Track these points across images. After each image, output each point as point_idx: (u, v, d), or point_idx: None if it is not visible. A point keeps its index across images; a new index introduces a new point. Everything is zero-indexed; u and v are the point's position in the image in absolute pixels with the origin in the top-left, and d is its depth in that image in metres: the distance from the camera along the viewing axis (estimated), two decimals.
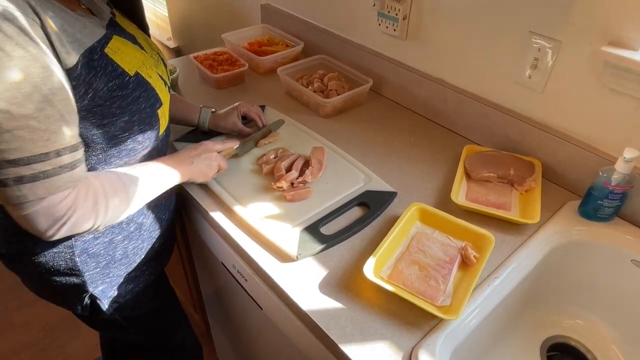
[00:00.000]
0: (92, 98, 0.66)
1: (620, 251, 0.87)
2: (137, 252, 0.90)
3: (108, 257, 0.85)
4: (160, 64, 0.85)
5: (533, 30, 0.92)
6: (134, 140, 0.76)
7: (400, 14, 1.15)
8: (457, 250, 0.82)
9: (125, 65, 0.71)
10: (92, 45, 0.66)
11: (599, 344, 0.93)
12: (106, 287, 0.88)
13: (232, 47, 1.46)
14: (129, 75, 0.71)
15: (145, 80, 0.75)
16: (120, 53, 0.71)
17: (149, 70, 0.77)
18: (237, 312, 1.16)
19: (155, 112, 0.77)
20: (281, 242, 0.82)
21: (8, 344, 1.75)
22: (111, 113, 0.70)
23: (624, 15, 0.79)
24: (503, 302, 0.79)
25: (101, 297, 0.88)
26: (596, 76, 0.87)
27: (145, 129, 0.77)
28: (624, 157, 0.81)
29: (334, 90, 1.23)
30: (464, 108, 1.11)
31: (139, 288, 0.94)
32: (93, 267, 0.84)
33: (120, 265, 0.88)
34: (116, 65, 0.70)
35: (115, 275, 0.88)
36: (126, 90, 0.71)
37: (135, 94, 0.72)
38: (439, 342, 0.68)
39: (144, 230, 0.89)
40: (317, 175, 0.96)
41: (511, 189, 0.97)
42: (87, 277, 0.84)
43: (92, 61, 0.66)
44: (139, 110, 0.73)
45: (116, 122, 0.71)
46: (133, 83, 0.72)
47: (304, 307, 0.74)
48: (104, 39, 0.70)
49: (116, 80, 0.69)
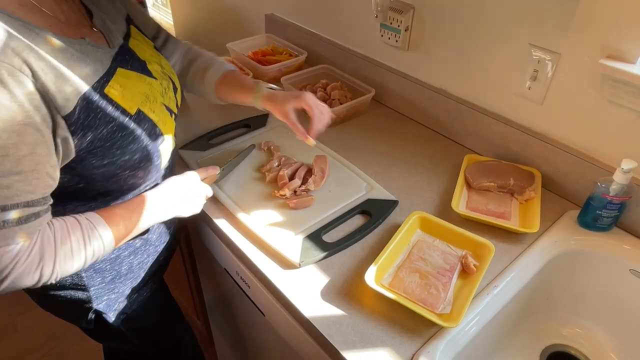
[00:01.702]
0: (91, 141, 0.65)
1: (619, 261, 0.88)
2: (142, 266, 0.90)
3: (114, 272, 0.85)
4: (169, 92, 0.82)
5: (533, 43, 0.94)
6: (134, 177, 0.75)
7: (402, 25, 1.17)
8: (457, 259, 0.83)
9: (127, 104, 0.69)
10: (92, 86, 0.64)
11: (597, 352, 0.93)
12: (111, 300, 0.88)
13: (236, 56, 1.48)
14: (129, 115, 0.69)
15: (148, 118, 0.73)
16: (122, 90, 0.69)
17: (153, 104, 0.75)
18: (239, 319, 1.17)
19: (157, 148, 0.75)
20: (284, 250, 0.84)
21: (11, 349, 1.75)
22: (111, 154, 0.68)
23: (622, 28, 0.80)
24: (502, 311, 0.80)
25: (106, 311, 0.88)
26: (595, 88, 0.88)
27: (146, 166, 0.75)
28: (622, 168, 0.82)
29: (336, 99, 1.24)
30: (464, 118, 1.12)
31: (143, 298, 0.95)
32: (99, 282, 0.84)
33: (125, 280, 0.88)
34: (116, 104, 0.68)
35: (120, 289, 0.88)
36: (126, 131, 0.69)
37: (136, 133, 0.70)
38: (439, 349, 0.69)
39: (149, 244, 0.90)
40: (319, 184, 0.97)
41: (511, 199, 0.98)
42: (92, 292, 0.84)
43: (91, 103, 0.64)
44: (139, 149, 0.72)
45: (116, 161, 0.69)
46: (134, 122, 0.70)
47: (306, 314, 0.75)
48: (106, 76, 0.68)
49: (116, 121, 0.67)
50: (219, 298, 1.27)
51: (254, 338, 1.14)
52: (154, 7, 2.88)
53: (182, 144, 1.10)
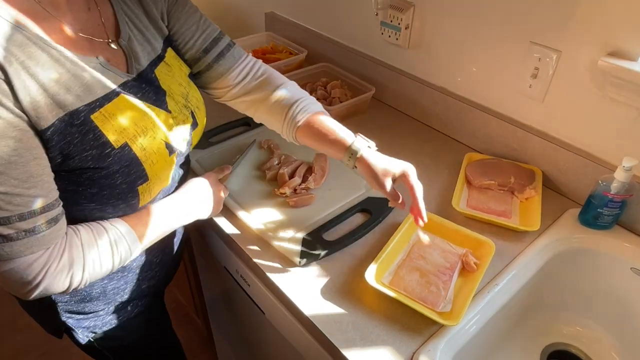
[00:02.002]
0: (60, 164, 0.60)
1: (619, 259, 0.88)
2: (117, 292, 0.83)
3: (84, 294, 0.79)
4: (182, 127, 0.75)
5: (534, 41, 0.93)
6: (102, 211, 0.68)
7: (402, 23, 1.16)
8: (457, 257, 0.83)
9: (112, 135, 0.63)
10: (77, 109, 0.59)
11: (598, 351, 0.93)
12: (81, 318, 0.83)
13: None
14: (112, 147, 0.63)
15: (133, 154, 0.65)
16: (113, 119, 0.63)
17: (149, 141, 0.67)
18: (240, 317, 1.16)
19: (134, 189, 0.68)
20: (284, 248, 0.84)
21: (11, 347, 1.76)
22: (78, 182, 0.63)
23: (623, 26, 0.80)
24: (503, 309, 0.80)
25: (75, 327, 0.83)
26: (596, 86, 0.88)
27: (117, 204, 0.68)
28: (623, 165, 0.82)
29: (336, 97, 1.24)
30: (465, 116, 1.12)
31: (118, 321, 0.88)
32: (67, 300, 0.79)
33: (98, 302, 0.82)
34: (99, 133, 0.61)
35: (91, 310, 0.83)
36: (101, 164, 0.62)
37: (112, 168, 0.63)
38: (440, 347, 0.69)
39: (128, 271, 0.82)
40: (319, 182, 0.97)
41: (512, 197, 0.98)
42: (60, 307, 0.80)
43: (71, 126, 0.59)
44: (111, 186, 0.65)
45: (82, 191, 0.64)
46: (114, 156, 0.63)
47: (306, 312, 0.75)
48: (100, 101, 0.62)
49: (93, 151, 0.61)
50: (219, 296, 1.26)
51: (254, 336, 1.14)
52: None
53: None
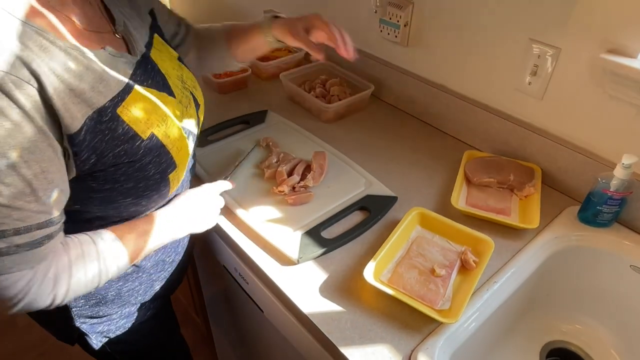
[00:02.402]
0: (94, 163, 0.60)
1: (619, 257, 0.87)
2: (132, 294, 0.83)
3: (99, 297, 0.79)
4: (190, 109, 0.77)
5: (533, 38, 0.93)
6: (137, 204, 0.69)
7: (401, 20, 1.16)
8: (456, 255, 0.82)
9: (139, 127, 0.63)
10: (103, 105, 0.59)
11: (598, 349, 0.93)
12: (95, 322, 0.83)
13: None
14: (141, 139, 0.63)
15: (161, 143, 0.66)
16: (136, 110, 0.63)
17: (170, 128, 0.69)
18: (238, 315, 1.16)
19: (165, 177, 0.69)
20: (282, 246, 0.83)
21: (11, 346, 1.76)
22: (114, 179, 0.63)
23: (623, 23, 0.80)
24: (502, 307, 0.80)
25: (89, 332, 0.83)
26: (595, 83, 0.88)
27: (151, 195, 0.69)
28: (622, 163, 0.81)
29: (335, 95, 1.24)
30: (464, 114, 1.12)
31: (132, 325, 0.89)
32: (82, 304, 0.79)
33: (112, 305, 0.82)
34: (127, 127, 0.62)
35: (105, 313, 0.83)
36: (135, 157, 0.63)
37: (145, 160, 0.64)
38: (438, 345, 0.69)
39: (143, 272, 0.83)
40: (318, 180, 0.97)
41: (511, 195, 0.98)
42: (74, 312, 0.79)
43: (100, 124, 0.59)
44: (146, 178, 0.66)
45: (118, 188, 0.64)
46: (144, 148, 0.64)
47: (304, 310, 0.74)
48: (121, 95, 0.62)
49: (125, 145, 0.62)
50: (218, 295, 1.26)
51: (253, 334, 1.14)
52: None
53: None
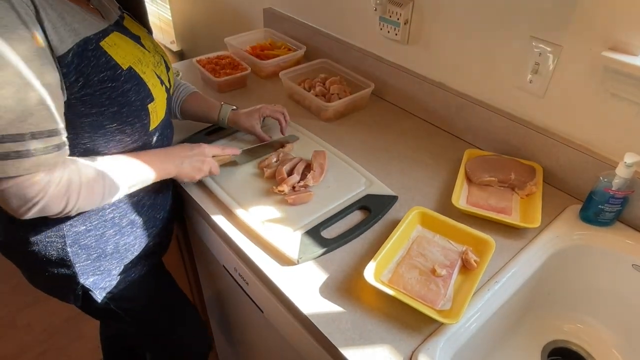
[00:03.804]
0: (82, 87, 0.68)
1: (621, 256, 0.87)
2: (128, 248, 0.91)
3: (99, 250, 0.86)
4: (161, 66, 0.87)
5: (534, 35, 0.92)
6: (122, 132, 0.77)
7: (401, 18, 1.15)
8: (457, 255, 0.82)
9: (119, 59, 0.73)
10: (88, 36, 0.69)
11: (599, 348, 0.93)
12: (97, 278, 0.89)
13: (234, 50, 1.47)
14: (121, 69, 0.73)
15: (138, 75, 0.76)
16: (116, 47, 0.74)
17: (144, 67, 0.79)
18: (238, 315, 1.16)
19: (145, 106, 0.78)
20: (282, 246, 0.83)
21: (10, 346, 1.75)
22: (100, 103, 0.71)
23: (625, 20, 0.79)
24: (503, 307, 0.79)
25: (93, 288, 0.89)
26: (597, 81, 0.87)
27: (134, 122, 0.78)
28: (624, 161, 0.81)
29: (335, 94, 1.23)
30: (465, 112, 1.11)
31: (131, 279, 0.96)
32: (84, 259, 0.85)
33: (111, 259, 0.89)
34: (109, 57, 0.72)
35: (106, 268, 0.89)
36: (117, 82, 0.72)
37: (126, 86, 0.74)
38: (439, 346, 0.69)
39: (136, 227, 0.90)
40: (318, 179, 0.96)
41: (512, 193, 0.97)
42: (77, 268, 0.85)
43: (86, 51, 0.68)
44: (128, 103, 0.75)
45: (104, 112, 0.72)
46: (125, 76, 0.73)
47: (304, 311, 0.74)
48: (102, 33, 0.72)
49: (108, 72, 0.71)
50: (217, 295, 1.26)
51: (253, 335, 1.14)
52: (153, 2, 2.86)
53: (180, 139, 1.09)
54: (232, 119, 1.07)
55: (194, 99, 1.07)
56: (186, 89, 1.08)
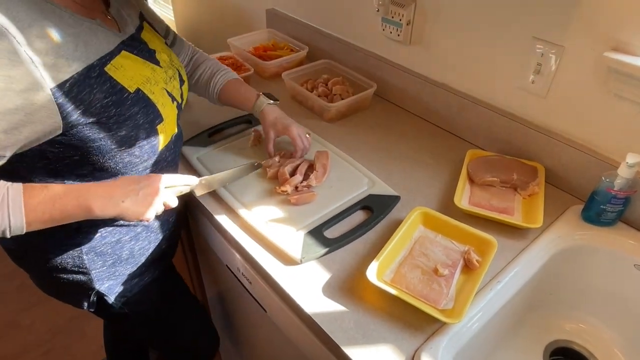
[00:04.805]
0: (82, 113, 0.66)
1: (623, 256, 0.87)
2: (143, 252, 0.92)
3: (115, 257, 0.87)
4: (174, 81, 0.85)
5: (536, 36, 0.93)
6: (131, 155, 0.76)
7: (404, 19, 1.16)
8: (459, 254, 0.82)
9: (126, 82, 0.72)
10: (92, 64, 0.67)
11: (602, 348, 0.93)
12: (112, 283, 0.90)
13: (237, 51, 1.48)
14: (128, 92, 0.72)
15: (146, 97, 0.75)
16: (123, 70, 0.73)
17: (153, 87, 0.78)
18: (241, 315, 1.17)
19: (154, 128, 0.77)
20: (285, 246, 0.83)
21: (14, 345, 1.76)
22: (107, 127, 0.70)
23: (627, 21, 0.79)
24: (506, 306, 0.80)
25: (108, 294, 0.90)
26: (599, 81, 0.87)
27: (143, 145, 0.76)
28: (626, 162, 0.81)
29: (338, 94, 1.24)
30: (467, 112, 1.12)
31: (144, 283, 0.97)
32: (100, 266, 0.86)
33: (126, 264, 0.90)
34: (115, 82, 0.71)
35: (121, 273, 0.91)
36: (123, 107, 0.71)
37: (134, 110, 0.73)
38: (442, 345, 0.69)
39: (151, 231, 0.92)
40: (321, 180, 0.97)
41: (514, 194, 0.97)
42: (94, 274, 0.86)
43: (89, 79, 0.67)
44: (136, 126, 0.74)
45: (113, 136, 0.71)
46: (132, 99, 0.72)
47: (307, 310, 0.74)
48: (109, 56, 0.71)
49: (113, 97, 0.70)
50: (221, 294, 1.27)
51: (256, 334, 1.14)
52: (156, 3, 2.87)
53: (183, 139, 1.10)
54: (263, 114, 1.02)
55: (230, 89, 1.05)
56: (225, 76, 1.06)
